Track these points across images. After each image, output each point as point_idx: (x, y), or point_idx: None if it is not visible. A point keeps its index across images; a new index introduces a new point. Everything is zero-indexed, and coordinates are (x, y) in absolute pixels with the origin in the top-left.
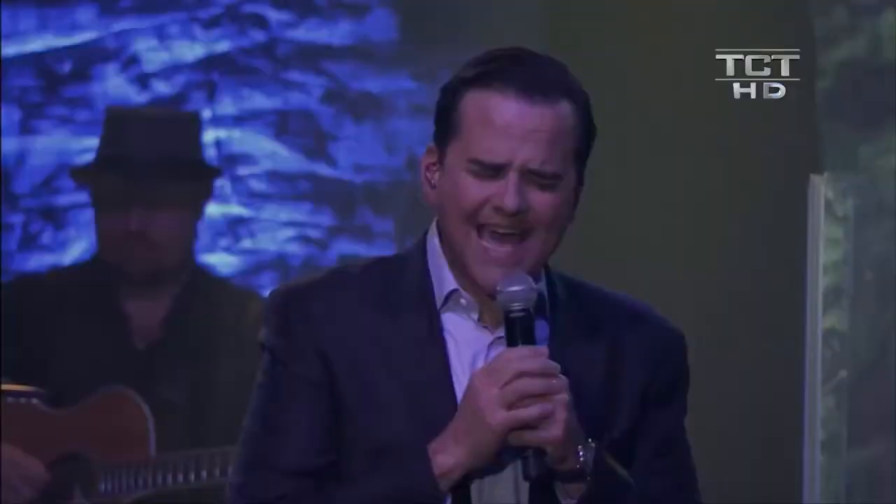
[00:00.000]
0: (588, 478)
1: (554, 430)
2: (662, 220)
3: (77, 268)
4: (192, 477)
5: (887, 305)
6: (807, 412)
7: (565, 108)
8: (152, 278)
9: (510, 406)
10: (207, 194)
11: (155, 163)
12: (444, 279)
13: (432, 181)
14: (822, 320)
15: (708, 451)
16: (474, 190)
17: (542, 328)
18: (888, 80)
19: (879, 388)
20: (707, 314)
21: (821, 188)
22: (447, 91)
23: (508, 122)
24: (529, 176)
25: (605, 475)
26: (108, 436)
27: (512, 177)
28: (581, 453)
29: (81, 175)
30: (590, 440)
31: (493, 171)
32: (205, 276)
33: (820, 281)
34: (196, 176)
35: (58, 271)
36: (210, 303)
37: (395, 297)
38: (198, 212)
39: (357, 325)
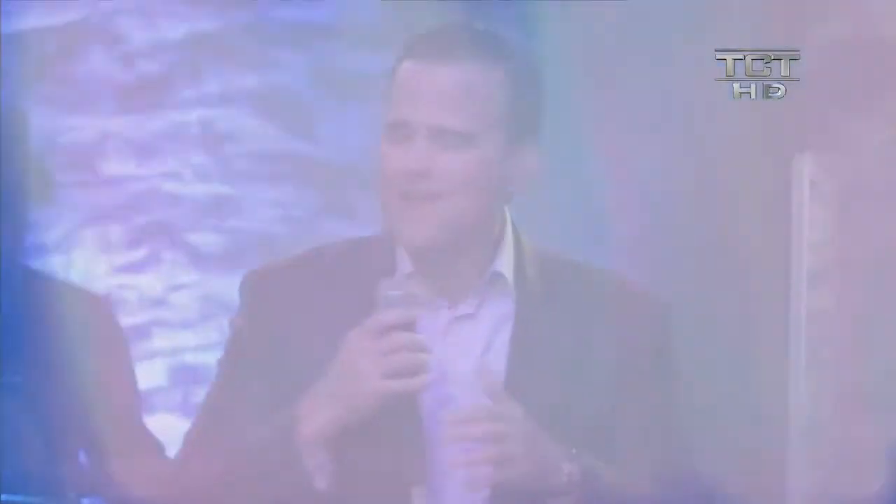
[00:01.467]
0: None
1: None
2: (646, 199)
3: None
4: None
5: (872, 285)
6: (791, 392)
7: (474, 67)
8: None
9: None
10: None
11: None
12: (403, 261)
13: None
14: (806, 300)
15: (691, 430)
16: (389, 157)
17: (506, 304)
18: (874, 58)
19: (864, 368)
20: (692, 293)
21: (805, 167)
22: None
23: (415, 85)
24: (437, 137)
25: (591, 482)
26: None
27: (418, 139)
28: (565, 468)
29: None
30: (573, 450)
31: (402, 133)
32: (25, 269)
33: (805, 260)
34: None
35: None
36: (32, 296)
37: (354, 278)
38: None
39: (311, 305)
